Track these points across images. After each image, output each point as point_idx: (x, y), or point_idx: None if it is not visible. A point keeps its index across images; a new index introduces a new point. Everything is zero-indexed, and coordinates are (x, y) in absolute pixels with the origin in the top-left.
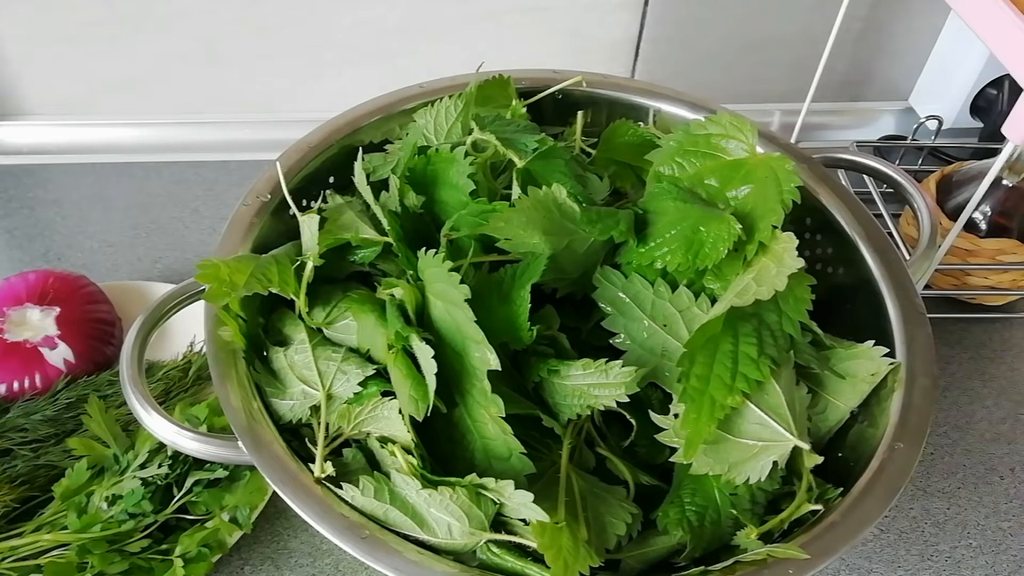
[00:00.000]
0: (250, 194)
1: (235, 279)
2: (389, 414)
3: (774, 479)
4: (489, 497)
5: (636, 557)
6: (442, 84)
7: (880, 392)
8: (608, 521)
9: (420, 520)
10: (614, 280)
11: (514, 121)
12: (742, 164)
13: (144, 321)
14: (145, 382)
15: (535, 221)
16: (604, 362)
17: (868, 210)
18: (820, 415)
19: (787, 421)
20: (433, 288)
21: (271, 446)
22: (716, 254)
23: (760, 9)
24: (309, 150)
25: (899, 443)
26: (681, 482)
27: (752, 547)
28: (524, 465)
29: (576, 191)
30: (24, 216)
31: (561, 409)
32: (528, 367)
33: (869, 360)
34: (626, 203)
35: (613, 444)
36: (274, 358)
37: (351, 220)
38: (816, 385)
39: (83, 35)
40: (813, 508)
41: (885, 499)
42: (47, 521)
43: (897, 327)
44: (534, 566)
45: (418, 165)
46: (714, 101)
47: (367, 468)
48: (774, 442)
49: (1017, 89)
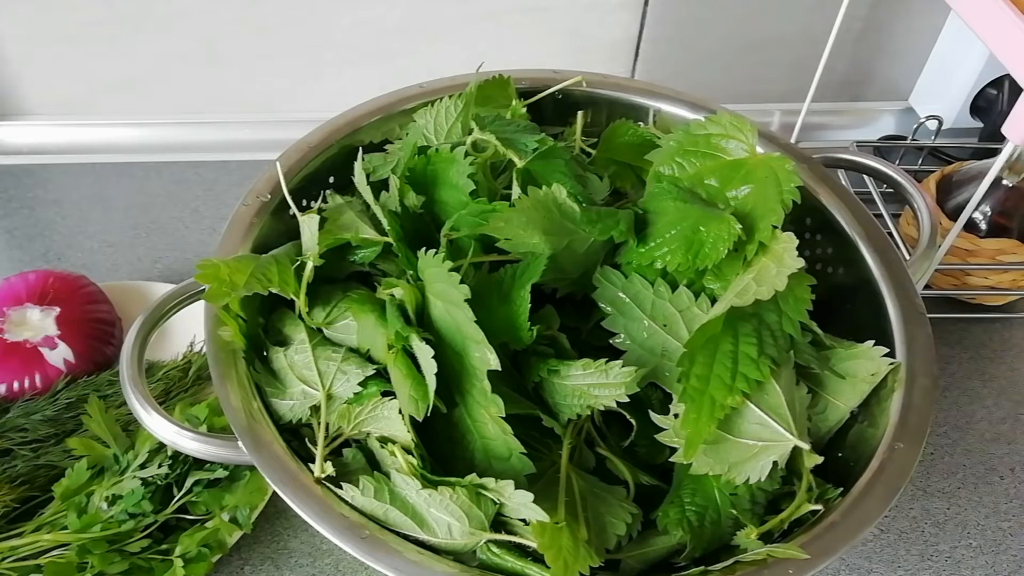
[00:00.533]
0: (250, 194)
1: (235, 279)
2: (389, 414)
3: (774, 479)
4: (489, 497)
5: (636, 557)
6: (442, 84)
7: (880, 392)
8: (608, 521)
9: (420, 520)
10: (614, 280)
11: (514, 121)
12: (742, 164)
13: (144, 321)
14: (145, 382)
15: (535, 221)
16: (604, 362)
17: (868, 210)
18: (820, 415)
19: (787, 421)
20: (433, 288)
21: (271, 446)
22: (716, 254)
23: (760, 9)
24: (309, 150)
25: (899, 443)
26: (681, 482)
27: (752, 547)
28: (524, 465)
29: (576, 191)
30: (24, 216)
31: (561, 409)
32: (528, 367)
33: (869, 360)
34: (626, 203)
35: (613, 444)
36: (274, 358)
37: (351, 220)
38: (816, 385)
39: (83, 35)
40: (813, 508)
41: (885, 499)
42: (47, 521)
43: (897, 327)
44: (534, 566)
45: (418, 165)
46: (714, 101)
47: (367, 468)
48: (774, 442)
49: (1017, 89)
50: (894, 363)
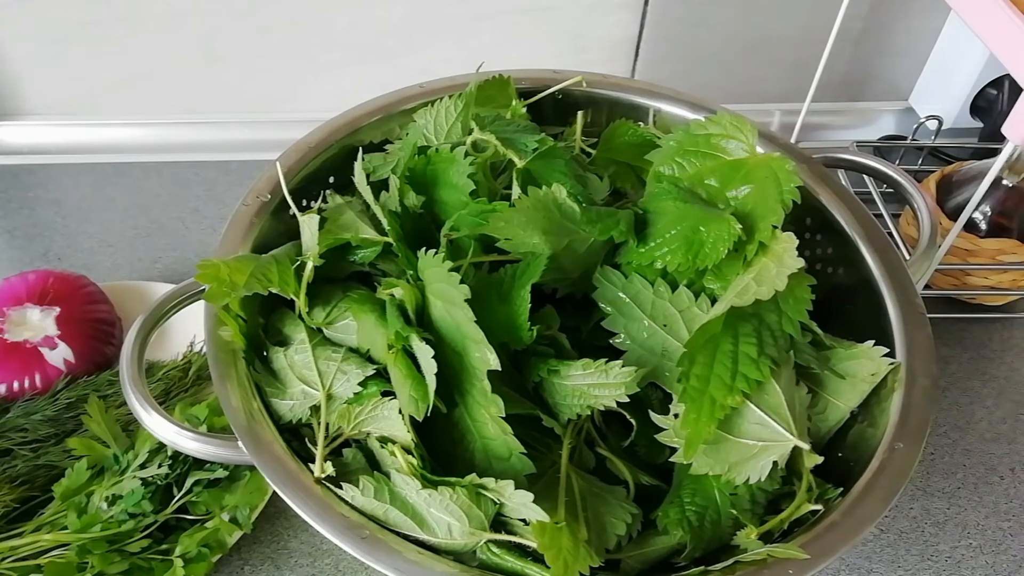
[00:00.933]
0: (250, 194)
1: (235, 279)
2: (389, 414)
3: (774, 479)
4: (489, 497)
5: (636, 557)
6: (442, 84)
7: (880, 392)
8: (608, 521)
9: (420, 520)
10: (614, 280)
11: (514, 121)
12: (742, 164)
13: (144, 321)
14: (145, 382)
15: (535, 221)
16: (604, 362)
17: (868, 210)
18: (820, 415)
19: (787, 421)
20: (433, 288)
21: (271, 446)
22: (716, 254)
23: (760, 9)
24: (309, 150)
25: (899, 443)
26: (681, 482)
27: (752, 547)
28: (524, 465)
29: (576, 191)
30: (24, 216)
31: (561, 409)
32: (528, 367)
33: (869, 360)
34: (626, 203)
35: (613, 444)
36: (274, 358)
37: (351, 220)
38: (816, 385)
39: (83, 35)
40: (813, 508)
41: (885, 499)
42: (47, 521)
43: (897, 327)
44: (534, 566)
45: (418, 165)
46: (714, 101)
47: (367, 468)
48: (774, 442)
49: (1017, 89)
50: (894, 363)
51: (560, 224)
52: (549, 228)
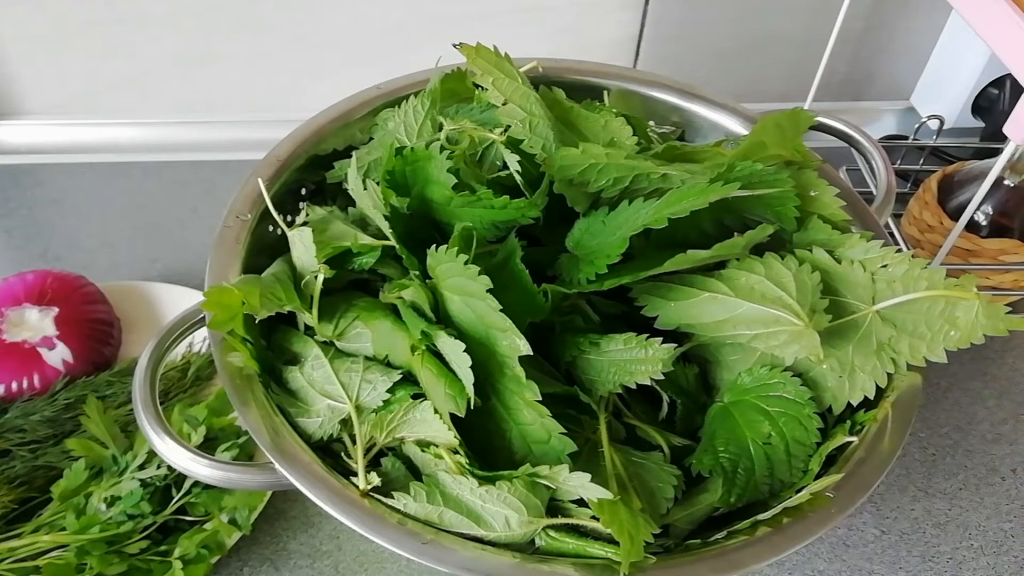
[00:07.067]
0: (229, 215)
1: (251, 301)
2: (424, 416)
3: (810, 431)
4: (543, 484)
5: (683, 519)
6: (399, 84)
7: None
8: (655, 487)
9: (476, 517)
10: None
11: (478, 106)
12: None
13: (156, 345)
14: (159, 407)
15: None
16: (645, 338)
17: (869, 209)
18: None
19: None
20: (448, 284)
21: (311, 467)
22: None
23: (761, 8)
24: (280, 164)
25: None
26: (714, 433)
27: (791, 496)
28: (565, 445)
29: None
30: (23, 216)
31: (595, 386)
32: (563, 345)
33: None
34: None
35: (638, 412)
36: (290, 378)
37: (341, 229)
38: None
39: (83, 35)
40: (848, 439)
41: (902, 428)
42: (46, 522)
43: None
44: (595, 544)
45: (397, 167)
46: (700, 87)
47: (407, 474)
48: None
49: (1019, 89)
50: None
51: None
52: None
